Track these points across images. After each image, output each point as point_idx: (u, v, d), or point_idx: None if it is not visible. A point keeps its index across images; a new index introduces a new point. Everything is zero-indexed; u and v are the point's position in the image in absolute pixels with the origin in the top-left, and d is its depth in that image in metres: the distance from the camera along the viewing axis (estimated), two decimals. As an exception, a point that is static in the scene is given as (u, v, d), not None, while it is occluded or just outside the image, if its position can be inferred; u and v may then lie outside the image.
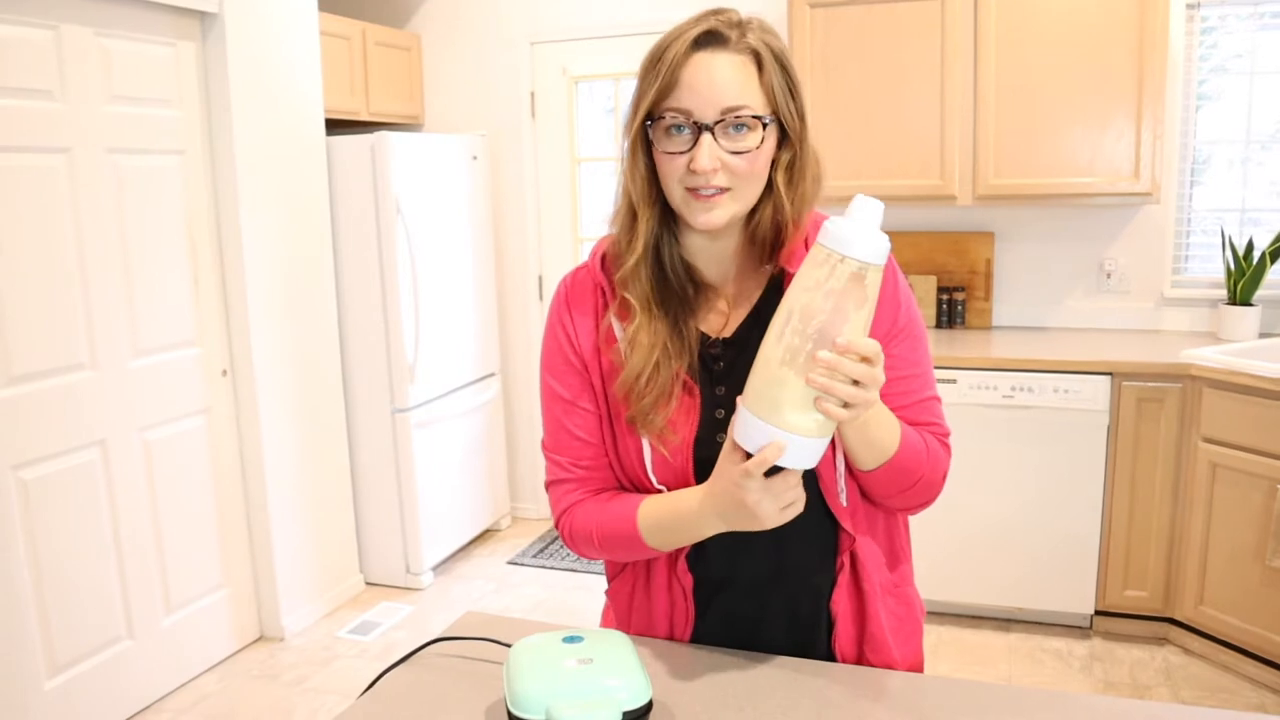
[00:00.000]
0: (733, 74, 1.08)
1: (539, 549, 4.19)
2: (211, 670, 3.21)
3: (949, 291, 3.75)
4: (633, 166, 1.16)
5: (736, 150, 1.09)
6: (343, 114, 3.80)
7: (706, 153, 1.08)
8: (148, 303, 2.97)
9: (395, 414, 3.73)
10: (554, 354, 1.25)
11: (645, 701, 1.02)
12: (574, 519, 1.24)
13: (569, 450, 1.25)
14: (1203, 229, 3.59)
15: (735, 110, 1.08)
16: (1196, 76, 3.49)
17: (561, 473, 1.26)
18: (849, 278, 0.95)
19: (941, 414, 1.23)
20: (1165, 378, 3.06)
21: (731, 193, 1.11)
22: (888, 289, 1.18)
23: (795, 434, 0.97)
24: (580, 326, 1.23)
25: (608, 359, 1.21)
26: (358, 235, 3.66)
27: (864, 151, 3.50)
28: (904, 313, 1.20)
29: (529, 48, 4.28)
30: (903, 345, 1.19)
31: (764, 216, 1.17)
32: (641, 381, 1.15)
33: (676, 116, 1.09)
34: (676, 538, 1.16)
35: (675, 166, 1.11)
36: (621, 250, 1.18)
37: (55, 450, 2.69)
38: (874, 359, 0.96)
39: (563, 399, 1.24)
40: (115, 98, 2.84)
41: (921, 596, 1.34)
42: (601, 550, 1.23)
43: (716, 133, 1.08)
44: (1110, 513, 3.17)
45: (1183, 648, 3.16)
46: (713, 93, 1.08)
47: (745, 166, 1.10)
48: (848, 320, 0.95)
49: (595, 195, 4.41)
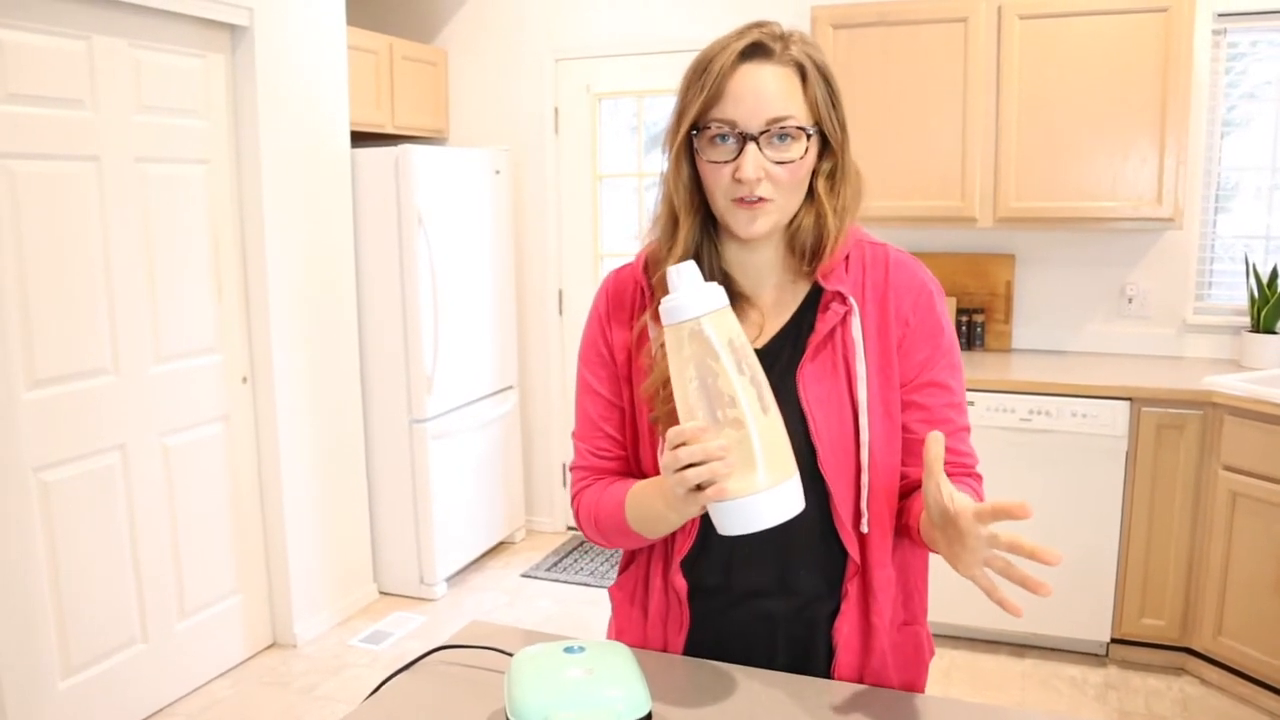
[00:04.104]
0: (778, 85, 1.11)
1: (553, 562, 4.19)
2: (223, 676, 3.23)
3: (968, 313, 3.73)
4: (676, 175, 1.18)
5: (780, 160, 1.11)
6: (368, 127, 3.85)
7: (751, 162, 1.10)
8: (170, 310, 3.00)
9: (413, 424, 3.75)
10: (589, 347, 1.30)
11: (645, 713, 1.02)
12: (581, 502, 1.28)
13: (591, 439, 1.29)
14: (1228, 256, 3.56)
15: (780, 121, 1.10)
16: (1223, 102, 3.47)
17: (582, 460, 1.30)
18: (689, 338, 1.00)
19: (970, 444, 1.24)
20: (1186, 404, 3.03)
21: (774, 202, 1.13)
22: (931, 315, 1.20)
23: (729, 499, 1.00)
24: (616, 324, 1.27)
25: (639, 360, 1.23)
26: (380, 246, 3.69)
27: (885, 172, 3.50)
28: (946, 338, 1.22)
29: (553, 64, 4.31)
30: (944, 372, 1.21)
31: (804, 225, 1.19)
32: (668, 387, 1.16)
33: (722, 126, 1.11)
34: (650, 522, 1.17)
35: (720, 176, 1.13)
36: (662, 256, 1.20)
37: (76, 453, 2.72)
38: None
39: (592, 390, 1.29)
40: (144, 108, 2.89)
41: (935, 620, 1.32)
42: (600, 532, 1.25)
43: (761, 143, 1.10)
44: (1128, 540, 3.13)
45: (1200, 678, 3.11)
46: (758, 103, 1.10)
47: (788, 177, 1.12)
48: (716, 374, 0.99)
49: (616, 211, 4.43)
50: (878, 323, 1.19)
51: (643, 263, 1.26)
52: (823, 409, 1.17)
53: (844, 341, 1.18)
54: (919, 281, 1.22)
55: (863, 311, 1.19)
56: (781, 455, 1.01)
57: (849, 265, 1.21)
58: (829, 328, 1.18)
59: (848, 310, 1.18)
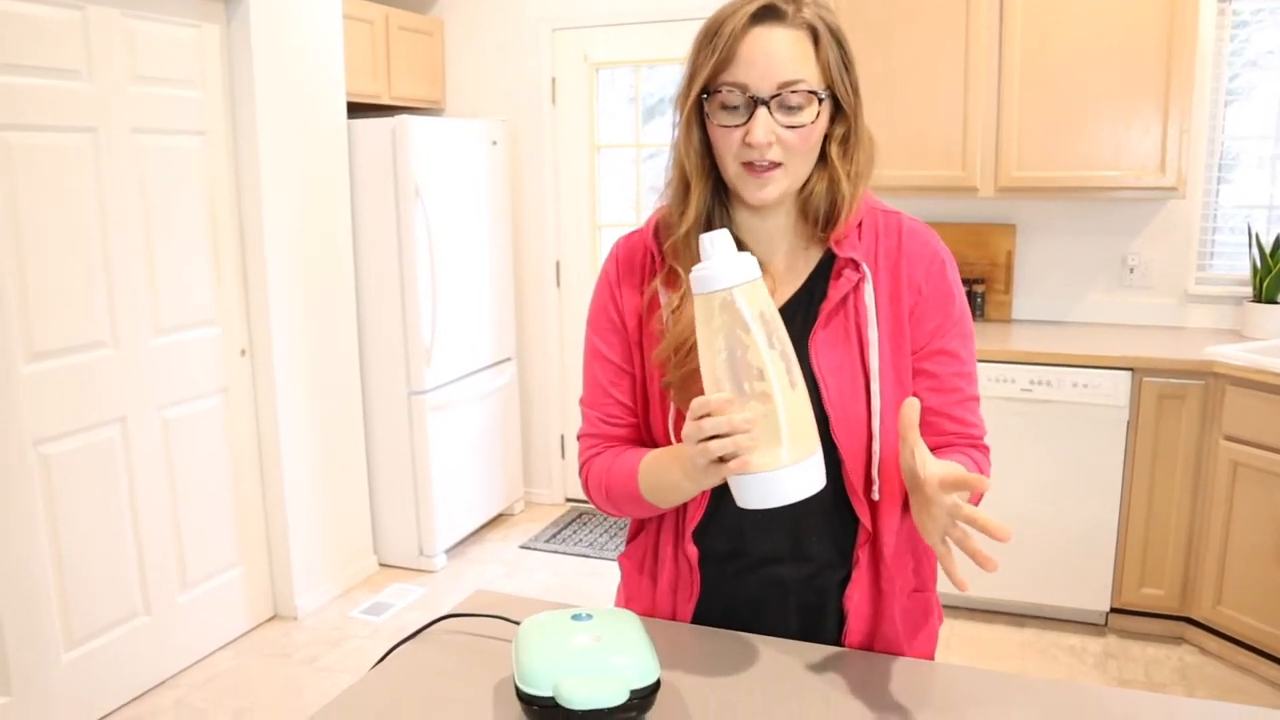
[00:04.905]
0: (790, 49, 1.09)
1: (552, 534, 4.20)
2: (225, 648, 3.24)
3: (969, 284, 3.72)
4: (686, 139, 1.16)
5: (792, 125, 1.10)
6: (365, 98, 3.81)
7: (762, 126, 1.08)
8: (169, 282, 2.98)
9: (411, 396, 3.75)
10: (599, 313, 1.28)
11: (653, 680, 1.02)
12: (590, 471, 1.26)
13: (601, 406, 1.27)
14: (1230, 226, 3.54)
15: (791, 85, 1.09)
16: (1227, 71, 3.44)
17: (591, 427, 1.28)
18: (720, 308, 0.97)
19: (979, 415, 1.24)
20: (1187, 374, 3.02)
21: (784, 168, 1.12)
22: (943, 284, 1.20)
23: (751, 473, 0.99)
24: (627, 289, 1.25)
25: (650, 325, 1.22)
26: (377, 218, 3.67)
27: (886, 141, 3.39)
28: (957, 307, 1.21)
29: (550, 34, 4.27)
30: (954, 341, 1.20)
31: (817, 191, 1.17)
32: (681, 352, 1.15)
33: (732, 90, 1.09)
34: (665, 491, 1.15)
35: (731, 140, 1.11)
36: (673, 221, 1.19)
37: (76, 427, 2.71)
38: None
39: (602, 356, 1.27)
40: (140, 78, 2.85)
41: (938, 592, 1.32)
42: (610, 501, 1.24)
43: (772, 107, 1.09)
44: (1128, 510, 3.14)
45: (1199, 647, 3.13)
46: (770, 67, 1.08)
47: (799, 141, 1.11)
48: (746, 346, 0.97)
49: (614, 182, 4.40)
50: (890, 290, 1.18)
51: (653, 228, 1.25)
52: (835, 377, 1.16)
53: (856, 309, 1.17)
54: (932, 249, 1.22)
55: (875, 279, 1.18)
56: (807, 431, 1.00)
57: (861, 232, 1.20)
58: (841, 295, 1.17)
59: (860, 277, 1.17)
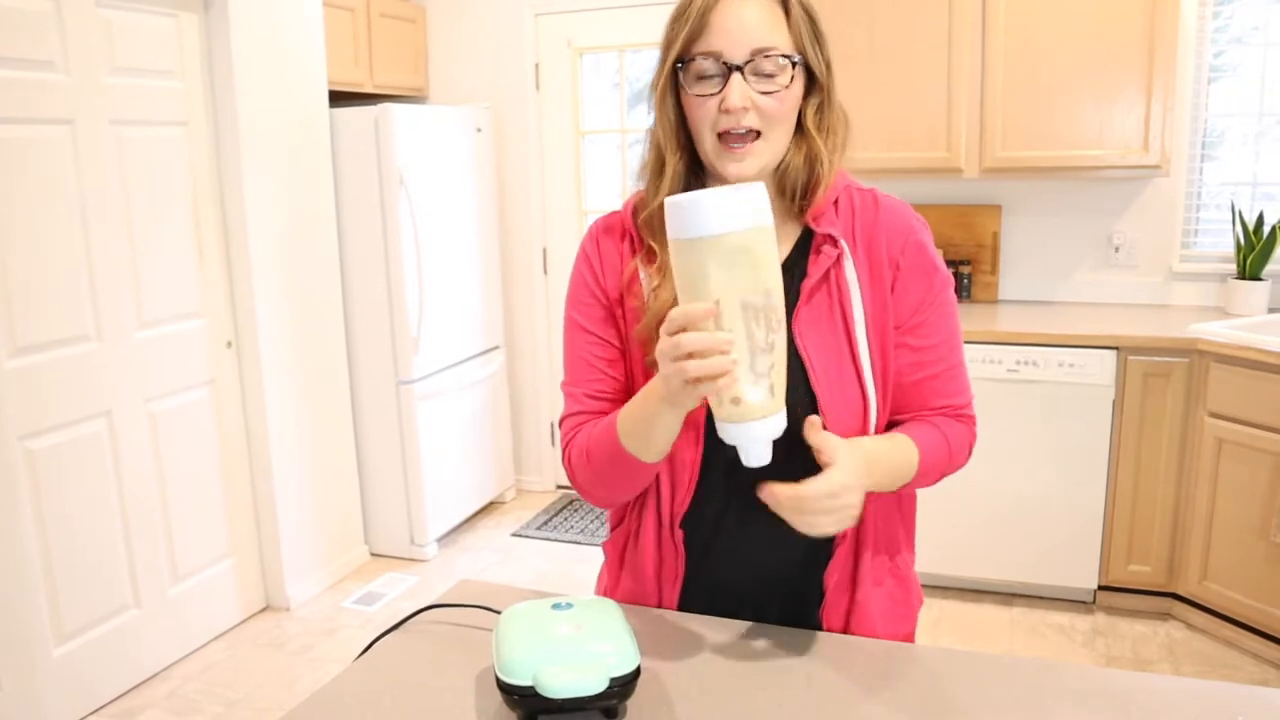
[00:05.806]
0: (761, 16, 1.11)
1: (543, 521, 4.21)
2: (217, 639, 3.25)
3: (954, 265, 3.72)
4: (661, 111, 1.17)
5: (766, 90, 1.11)
6: (347, 86, 3.79)
7: (737, 91, 1.09)
8: (152, 274, 2.97)
9: (400, 386, 3.74)
10: (579, 288, 1.26)
11: (634, 668, 1.02)
12: (573, 447, 1.22)
13: (586, 382, 1.24)
14: (1214, 203, 3.55)
15: (764, 50, 1.10)
16: (1210, 48, 3.44)
17: (576, 405, 1.25)
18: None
19: (966, 383, 1.26)
20: (1172, 352, 3.03)
21: (761, 138, 1.13)
22: (922, 255, 1.20)
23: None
24: (608, 264, 1.25)
25: (631, 303, 1.21)
26: (362, 208, 3.65)
27: (869, 123, 3.46)
28: (939, 277, 1.22)
29: (533, 19, 4.25)
30: (938, 311, 1.21)
31: (794, 165, 1.18)
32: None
33: (707, 58, 1.11)
34: (645, 425, 1.10)
35: (707, 110, 1.12)
36: (650, 196, 1.20)
37: (62, 421, 2.70)
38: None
39: (585, 330, 1.25)
40: (117, 69, 2.83)
41: (923, 571, 1.33)
42: (592, 467, 1.19)
43: (746, 73, 1.10)
44: (1115, 488, 3.15)
45: (1186, 623, 3.16)
46: (742, 33, 1.10)
47: (775, 106, 1.12)
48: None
49: (599, 168, 4.39)
50: (869, 265, 1.19)
51: (630, 209, 1.25)
52: (820, 355, 1.16)
53: (839, 285, 1.18)
54: (908, 222, 1.23)
55: (854, 254, 1.19)
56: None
57: (838, 209, 1.20)
58: (822, 271, 1.17)
59: (840, 253, 1.17)
